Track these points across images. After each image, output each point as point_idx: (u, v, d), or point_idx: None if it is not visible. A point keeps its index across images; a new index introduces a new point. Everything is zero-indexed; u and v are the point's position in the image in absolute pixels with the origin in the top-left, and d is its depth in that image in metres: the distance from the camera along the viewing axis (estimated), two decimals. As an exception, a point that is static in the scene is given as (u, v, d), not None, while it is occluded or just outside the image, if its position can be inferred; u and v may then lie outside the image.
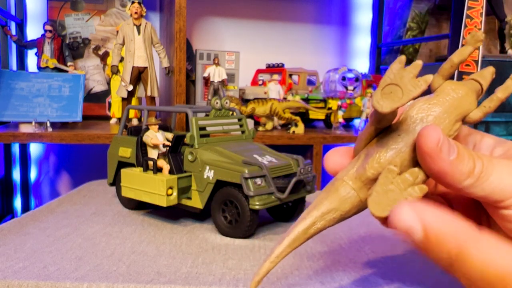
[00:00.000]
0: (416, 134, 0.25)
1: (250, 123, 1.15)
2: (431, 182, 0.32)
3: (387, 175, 0.24)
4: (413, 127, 0.25)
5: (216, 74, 1.17)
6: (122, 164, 0.60)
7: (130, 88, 1.00)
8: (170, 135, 0.58)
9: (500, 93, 0.27)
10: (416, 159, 0.25)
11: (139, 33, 0.99)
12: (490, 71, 0.29)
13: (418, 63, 0.23)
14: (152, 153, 0.56)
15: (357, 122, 1.32)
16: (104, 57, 1.35)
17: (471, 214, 0.31)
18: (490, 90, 0.29)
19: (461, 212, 0.29)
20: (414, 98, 0.23)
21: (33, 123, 1.02)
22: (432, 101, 0.26)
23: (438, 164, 0.24)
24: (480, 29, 1.17)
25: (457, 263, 0.24)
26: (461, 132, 0.30)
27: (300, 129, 1.13)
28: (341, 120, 1.21)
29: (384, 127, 0.26)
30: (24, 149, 1.37)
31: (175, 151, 0.55)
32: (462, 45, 0.33)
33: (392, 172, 0.24)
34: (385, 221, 0.26)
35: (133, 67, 0.99)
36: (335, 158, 0.30)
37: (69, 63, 1.25)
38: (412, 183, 0.24)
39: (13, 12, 1.31)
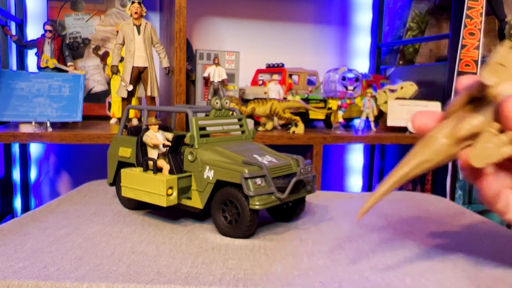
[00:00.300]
0: None
1: (250, 123, 1.15)
2: None
3: (487, 135, 0.30)
4: (500, 99, 0.30)
5: (216, 74, 1.17)
6: (122, 164, 0.60)
7: (130, 88, 1.00)
8: (170, 135, 0.58)
9: None
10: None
11: (139, 33, 0.99)
12: None
13: None
14: (152, 153, 0.56)
15: (357, 122, 1.32)
16: (104, 57, 1.35)
17: None
18: None
19: None
20: None
21: (33, 123, 1.02)
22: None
23: None
24: (480, 29, 1.17)
25: None
26: None
27: (300, 129, 1.13)
28: (341, 120, 1.21)
29: (474, 98, 0.31)
30: (24, 149, 1.37)
31: (175, 151, 0.55)
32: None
33: (491, 133, 0.30)
34: (476, 174, 0.32)
35: (133, 67, 0.99)
36: (422, 120, 0.35)
37: (69, 63, 1.25)
38: (506, 143, 0.29)
39: (13, 12, 1.31)
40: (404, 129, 1.21)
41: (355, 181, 1.74)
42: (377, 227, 0.54)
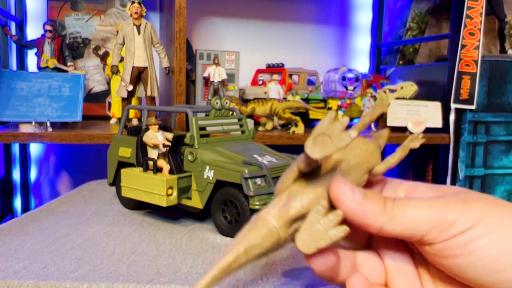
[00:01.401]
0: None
1: (250, 123, 1.15)
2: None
3: (314, 215, 0.27)
4: (330, 174, 0.29)
5: (216, 74, 1.17)
6: (122, 164, 0.60)
7: (130, 88, 1.00)
8: (170, 135, 0.58)
9: (399, 153, 0.32)
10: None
11: (139, 33, 0.99)
12: (385, 133, 0.34)
13: (346, 120, 0.26)
14: (152, 153, 0.56)
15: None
16: (104, 57, 1.35)
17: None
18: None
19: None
20: (341, 149, 0.25)
21: (33, 123, 1.02)
22: (347, 153, 0.30)
23: (347, 205, 0.27)
24: (480, 29, 1.17)
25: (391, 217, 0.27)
26: (383, 183, 0.33)
27: (300, 129, 1.13)
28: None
29: (306, 172, 0.29)
30: (24, 149, 1.37)
31: (175, 151, 0.55)
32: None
33: (319, 212, 0.27)
34: (309, 257, 0.28)
35: (133, 67, 0.99)
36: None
37: (69, 63, 1.25)
38: (336, 224, 0.26)
39: (13, 12, 1.31)
40: (404, 129, 1.21)
41: (355, 181, 1.74)
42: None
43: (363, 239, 0.33)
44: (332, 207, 0.28)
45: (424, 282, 0.30)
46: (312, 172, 0.29)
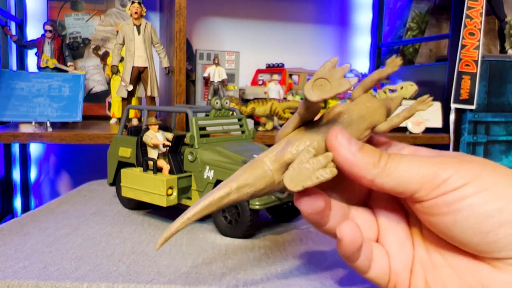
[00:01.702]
0: None
1: (250, 123, 1.15)
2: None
3: (304, 154, 0.27)
4: (331, 125, 0.29)
5: (216, 74, 1.17)
6: (122, 164, 0.60)
7: (130, 88, 1.00)
8: (170, 135, 0.58)
9: (405, 113, 0.31)
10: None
11: (139, 33, 0.99)
12: (398, 99, 0.33)
13: (347, 66, 0.26)
14: (152, 153, 0.56)
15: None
16: (104, 57, 1.35)
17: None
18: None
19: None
20: (339, 93, 0.26)
21: (33, 123, 1.02)
22: (351, 107, 0.30)
23: (341, 155, 0.27)
24: (480, 29, 1.17)
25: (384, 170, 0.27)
26: (382, 142, 0.33)
27: (300, 129, 1.13)
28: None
29: (307, 120, 0.29)
30: (24, 149, 1.37)
31: (175, 151, 0.55)
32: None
33: (309, 153, 0.27)
34: (298, 198, 0.29)
35: (133, 67, 0.99)
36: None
37: (69, 63, 1.25)
38: (324, 165, 0.27)
39: (13, 12, 1.31)
40: (404, 129, 1.21)
41: (355, 181, 1.74)
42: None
43: (359, 196, 0.33)
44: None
45: (415, 244, 0.30)
46: (313, 122, 0.30)
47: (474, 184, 0.25)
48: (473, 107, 1.19)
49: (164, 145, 0.56)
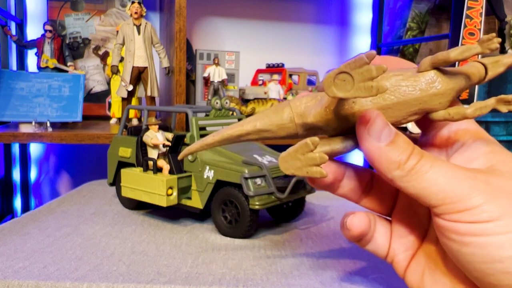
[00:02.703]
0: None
1: (250, 123, 1.15)
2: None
3: (302, 146, 0.27)
4: (371, 99, 0.26)
5: (216, 74, 1.17)
6: (122, 164, 0.60)
7: (130, 88, 1.00)
8: (170, 135, 0.58)
9: (470, 110, 0.26)
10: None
11: (139, 33, 0.99)
12: (506, 63, 0.27)
13: (382, 68, 0.22)
14: (152, 153, 0.56)
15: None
16: (104, 57, 1.35)
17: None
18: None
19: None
20: (359, 97, 0.23)
21: (33, 123, 1.02)
22: (408, 82, 0.26)
23: (366, 146, 0.25)
24: (480, 29, 1.16)
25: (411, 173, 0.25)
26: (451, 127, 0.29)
27: (300, 129, 1.13)
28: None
29: None
30: (24, 149, 1.37)
31: (175, 151, 0.55)
32: (463, 45, 0.32)
33: (308, 146, 0.26)
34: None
35: (133, 67, 0.99)
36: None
37: (69, 63, 1.25)
38: (318, 164, 0.26)
39: (13, 12, 1.31)
40: (404, 129, 1.22)
41: (355, 181, 1.74)
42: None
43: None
44: (347, 131, 0.27)
45: (429, 233, 0.29)
46: None
47: (499, 224, 0.23)
48: (473, 107, 1.19)
49: (164, 145, 0.56)
